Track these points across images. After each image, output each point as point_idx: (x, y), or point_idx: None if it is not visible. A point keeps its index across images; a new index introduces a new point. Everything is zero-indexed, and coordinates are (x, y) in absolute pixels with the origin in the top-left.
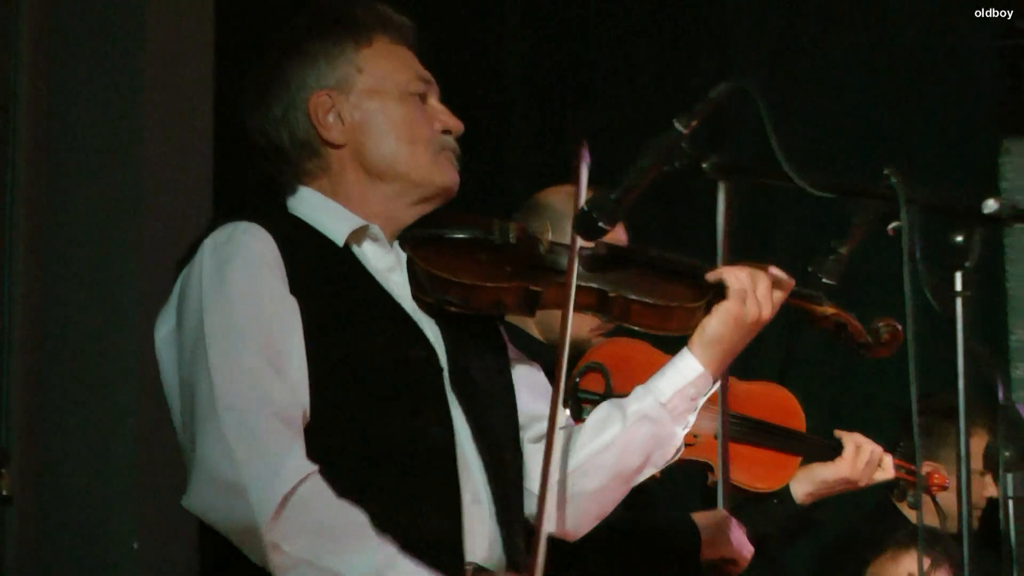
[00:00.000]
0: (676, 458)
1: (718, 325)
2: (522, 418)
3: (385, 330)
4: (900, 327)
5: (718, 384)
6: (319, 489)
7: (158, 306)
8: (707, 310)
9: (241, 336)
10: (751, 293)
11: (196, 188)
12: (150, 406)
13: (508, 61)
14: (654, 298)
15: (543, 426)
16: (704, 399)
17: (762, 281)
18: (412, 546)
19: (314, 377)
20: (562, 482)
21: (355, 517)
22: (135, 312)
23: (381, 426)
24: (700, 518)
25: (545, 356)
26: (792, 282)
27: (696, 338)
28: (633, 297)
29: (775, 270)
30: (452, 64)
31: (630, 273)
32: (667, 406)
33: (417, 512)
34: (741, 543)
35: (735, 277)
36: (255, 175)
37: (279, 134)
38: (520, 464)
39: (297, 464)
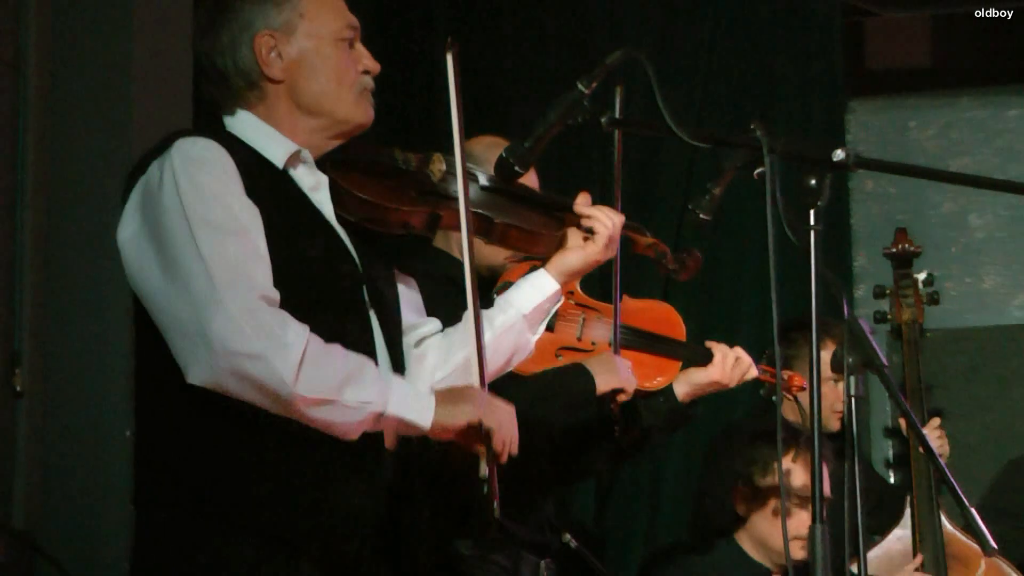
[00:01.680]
0: (529, 357)
1: (575, 257)
2: (404, 324)
3: (319, 244)
4: (699, 256)
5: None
6: (319, 344)
7: None
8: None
9: (222, 230)
10: (614, 236)
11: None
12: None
13: (437, 24)
14: (528, 225)
15: (419, 332)
16: (553, 310)
17: (615, 228)
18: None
19: None
20: (446, 379)
21: (353, 357)
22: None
23: (320, 325)
24: (589, 360)
25: (455, 271)
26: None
27: (555, 262)
28: (511, 222)
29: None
30: (390, 20)
31: (510, 205)
32: (527, 317)
33: None
34: (627, 374)
35: (605, 222)
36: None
37: (224, 62)
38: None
39: (298, 330)
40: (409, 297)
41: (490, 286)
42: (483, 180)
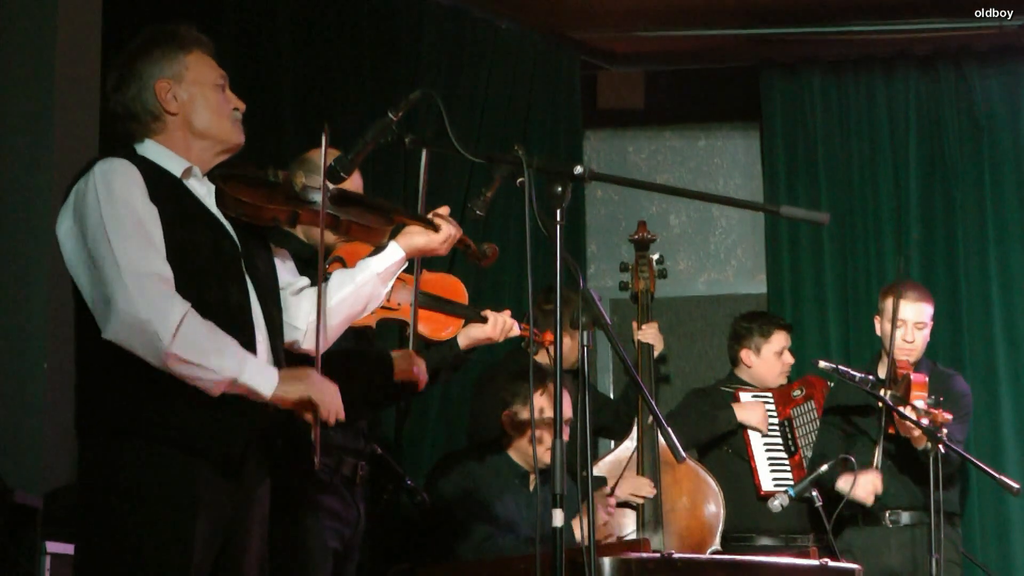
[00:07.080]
0: (379, 305)
1: (421, 239)
2: (283, 283)
3: (206, 229)
4: (496, 248)
5: (402, 269)
6: (196, 318)
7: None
8: (394, 233)
9: (129, 228)
10: (447, 240)
11: (87, 144)
12: (58, 265)
13: (282, 73)
14: (365, 222)
15: (297, 285)
16: (399, 272)
17: (454, 236)
18: None
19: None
20: (338, 305)
21: (222, 335)
22: (47, 205)
23: (207, 291)
24: (395, 352)
25: (301, 249)
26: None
27: (403, 238)
28: (353, 220)
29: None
30: (245, 66)
31: (353, 207)
32: (380, 275)
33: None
34: (421, 370)
35: (450, 226)
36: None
37: (134, 106)
38: (280, 313)
39: (180, 304)
40: (285, 263)
41: (324, 258)
42: (333, 190)
